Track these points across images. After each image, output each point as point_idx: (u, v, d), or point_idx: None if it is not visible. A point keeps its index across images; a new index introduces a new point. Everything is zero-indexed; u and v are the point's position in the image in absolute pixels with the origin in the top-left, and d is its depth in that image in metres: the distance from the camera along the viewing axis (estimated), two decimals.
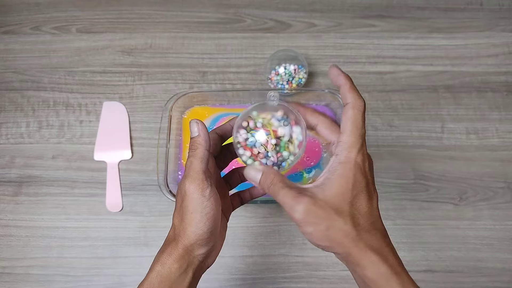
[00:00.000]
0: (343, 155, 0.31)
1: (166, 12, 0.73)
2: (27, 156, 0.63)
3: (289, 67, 0.64)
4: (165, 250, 0.33)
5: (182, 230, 0.33)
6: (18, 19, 0.72)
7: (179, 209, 0.33)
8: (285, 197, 0.31)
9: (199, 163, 0.33)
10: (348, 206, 0.31)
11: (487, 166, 0.63)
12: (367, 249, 0.30)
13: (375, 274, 0.30)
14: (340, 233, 0.30)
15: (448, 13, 0.73)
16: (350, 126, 0.31)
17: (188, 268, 0.33)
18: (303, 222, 0.30)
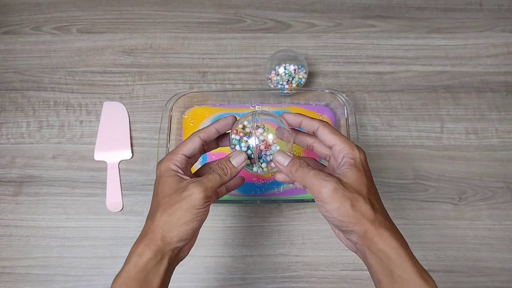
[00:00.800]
0: (350, 156, 0.37)
1: (166, 13, 0.73)
2: (27, 156, 0.63)
3: (289, 67, 0.64)
4: (142, 241, 0.35)
5: (165, 224, 0.35)
6: (18, 19, 0.72)
7: (172, 203, 0.36)
8: (314, 177, 0.36)
9: (217, 186, 0.38)
10: (366, 190, 0.36)
11: (486, 166, 0.63)
12: (381, 226, 0.35)
13: (387, 247, 0.34)
14: (362, 210, 0.35)
15: (448, 13, 0.73)
16: (337, 136, 0.39)
17: (163, 259, 0.35)
18: (330, 199, 0.35)
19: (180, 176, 0.39)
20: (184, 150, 0.40)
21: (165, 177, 0.38)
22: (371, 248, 0.35)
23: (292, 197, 0.59)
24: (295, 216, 0.60)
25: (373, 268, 0.35)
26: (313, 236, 0.59)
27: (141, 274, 0.34)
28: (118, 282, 0.34)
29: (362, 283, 0.57)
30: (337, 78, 0.68)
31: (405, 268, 0.33)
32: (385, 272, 0.34)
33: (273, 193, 0.60)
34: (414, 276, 0.33)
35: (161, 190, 0.38)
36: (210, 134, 0.42)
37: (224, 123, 0.42)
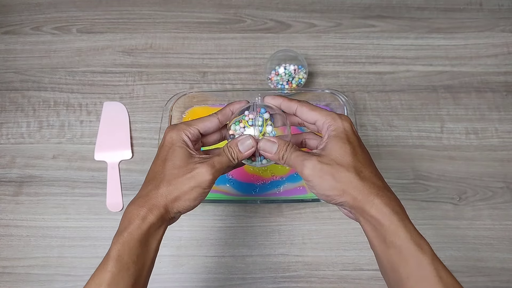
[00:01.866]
0: (332, 127, 0.37)
1: (167, 13, 0.73)
2: (27, 156, 0.63)
3: (289, 67, 0.64)
4: (145, 205, 0.35)
5: (169, 195, 0.36)
6: (18, 19, 0.72)
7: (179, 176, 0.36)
8: (296, 159, 0.37)
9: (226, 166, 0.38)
10: (350, 158, 0.36)
11: (486, 166, 0.63)
12: (370, 194, 0.34)
13: (379, 214, 0.34)
14: (345, 180, 0.35)
15: (448, 13, 0.73)
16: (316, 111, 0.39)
17: (163, 225, 0.37)
18: (312, 176, 0.35)
19: (191, 149, 0.38)
20: (200, 126, 0.40)
21: (177, 147, 0.38)
22: (364, 215, 0.35)
23: (292, 197, 0.59)
24: (295, 216, 0.60)
25: (368, 235, 0.35)
26: (313, 236, 0.59)
27: (143, 237, 0.34)
28: (120, 242, 0.34)
29: (362, 283, 0.57)
30: (337, 78, 0.68)
31: (398, 235, 0.33)
32: (379, 239, 0.34)
33: (273, 193, 0.60)
34: (407, 242, 0.32)
35: (170, 158, 0.38)
36: (227, 116, 0.42)
37: (239, 106, 0.42)
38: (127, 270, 0.33)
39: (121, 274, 0.33)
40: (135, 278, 0.34)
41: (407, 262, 0.32)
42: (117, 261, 0.33)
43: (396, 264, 0.33)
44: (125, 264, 0.33)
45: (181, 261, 0.58)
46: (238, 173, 0.61)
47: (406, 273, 0.32)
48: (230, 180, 0.60)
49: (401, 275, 0.32)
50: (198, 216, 0.60)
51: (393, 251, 0.33)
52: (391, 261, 0.33)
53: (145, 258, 0.35)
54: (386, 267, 0.34)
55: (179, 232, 0.59)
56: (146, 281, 0.36)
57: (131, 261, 0.34)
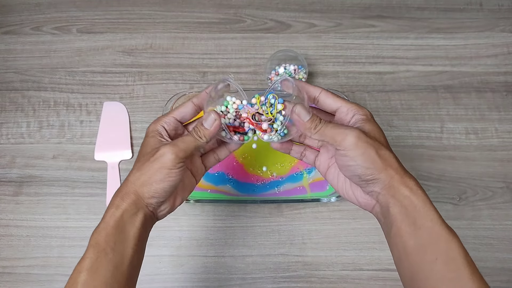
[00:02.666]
0: (361, 112, 0.38)
1: (167, 13, 0.73)
2: (27, 156, 0.63)
3: (289, 67, 0.64)
4: (118, 195, 0.37)
5: (137, 181, 0.37)
6: (18, 19, 0.72)
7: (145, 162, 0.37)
8: (335, 129, 0.36)
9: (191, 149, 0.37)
10: (384, 140, 0.37)
11: (486, 166, 0.63)
12: (406, 175, 0.35)
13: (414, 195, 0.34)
14: (386, 157, 0.35)
15: (448, 14, 0.73)
16: (340, 99, 0.39)
17: (138, 212, 0.36)
18: (355, 145, 0.35)
19: (163, 137, 0.39)
20: (175, 113, 0.40)
21: (149, 137, 0.39)
22: (396, 196, 0.34)
23: (292, 197, 0.59)
24: (295, 216, 0.60)
25: (395, 217, 0.35)
26: (313, 236, 0.59)
27: (118, 223, 0.35)
28: (97, 231, 0.35)
29: (361, 283, 0.57)
30: (337, 78, 0.69)
31: (430, 216, 0.33)
32: (408, 220, 0.34)
33: (273, 193, 0.60)
34: (439, 224, 0.33)
35: (141, 149, 0.39)
36: (202, 99, 0.41)
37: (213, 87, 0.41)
38: (105, 256, 0.34)
39: (99, 260, 0.34)
40: (115, 264, 0.34)
41: (437, 243, 0.33)
42: (94, 248, 0.34)
43: (425, 245, 0.33)
44: (102, 250, 0.34)
45: (181, 261, 0.58)
46: (238, 173, 0.61)
47: (435, 254, 0.32)
48: (230, 180, 0.60)
49: (429, 257, 0.33)
50: (198, 216, 0.60)
51: (423, 232, 0.33)
52: (418, 243, 0.33)
53: (124, 244, 0.35)
54: (411, 250, 0.34)
55: (179, 232, 0.59)
56: (130, 271, 0.36)
57: (108, 247, 0.34)
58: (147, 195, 0.37)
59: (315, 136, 0.37)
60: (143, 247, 0.38)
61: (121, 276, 0.34)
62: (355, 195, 0.40)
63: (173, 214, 0.60)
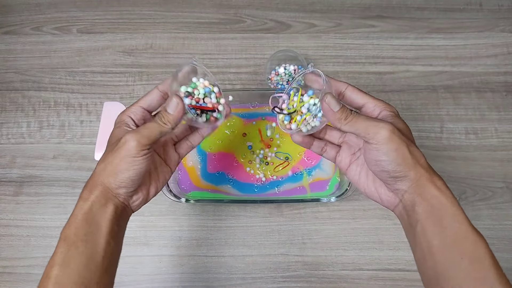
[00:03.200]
0: (388, 109, 0.38)
1: (167, 13, 0.73)
2: (28, 156, 0.63)
3: (289, 68, 0.64)
4: (86, 188, 0.36)
5: (103, 172, 0.36)
6: (19, 19, 0.73)
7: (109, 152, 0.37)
8: (368, 121, 0.35)
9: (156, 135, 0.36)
10: (413, 139, 0.36)
11: (486, 166, 0.63)
12: (434, 175, 0.35)
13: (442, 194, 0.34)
14: (416, 155, 0.35)
15: (448, 14, 0.73)
16: (367, 95, 0.39)
17: (107, 203, 0.36)
18: (388, 140, 0.34)
19: (129, 127, 0.39)
20: (141, 102, 0.40)
21: (116, 128, 0.39)
22: (424, 195, 0.34)
23: (292, 197, 0.59)
24: (295, 216, 0.60)
25: (420, 217, 0.34)
26: (313, 236, 0.59)
27: (88, 215, 0.35)
28: (66, 225, 0.35)
29: (361, 283, 0.57)
30: (337, 78, 0.68)
31: (458, 216, 0.33)
32: (434, 220, 0.34)
33: (273, 193, 0.60)
34: (466, 225, 0.33)
35: (108, 141, 0.39)
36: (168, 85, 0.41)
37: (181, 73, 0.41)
38: (76, 249, 0.33)
39: (70, 253, 0.33)
40: (88, 256, 0.34)
41: (464, 243, 0.33)
42: (64, 242, 0.34)
43: (451, 245, 0.33)
44: (73, 243, 0.34)
45: (181, 261, 0.58)
46: (238, 173, 0.61)
47: (461, 253, 0.32)
48: (230, 180, 0.60)
49: (455, 256, 0.33)
50: (198, 216, 0.60)
51: (450, 232, 0.33)
52: (444, 242, 0.33)
53: (95, 236, 0.35)
54: (436, 249, 0.33)
55: (179, 232, 0.59)
56: (105, 262, 0.35)
57: (78, 239, 0.34)
58: (114, 186, 0.36)
59: (345, 127, 0.37)
60: (118, 239, 0.37)
61: (95, 268, 0.34)
62: (378, 192, 0.39)
63: (173, 214, 0.60)
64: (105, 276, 0.35)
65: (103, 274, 0.35)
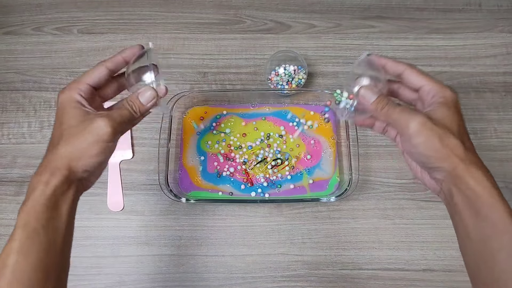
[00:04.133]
0: (440, 94, 0.36)
1: (167, 13, 0.73)
2: (28, 156, 0.64)
3: (288, 68, 0.64)
4: (46, 171, 0.34)
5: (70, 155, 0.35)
6: (20, 20, 0.73)
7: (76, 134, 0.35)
8: (401, 112, 0.36)
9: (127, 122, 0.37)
10: (456, 127, 0.35)
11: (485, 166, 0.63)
12: (472, 165, 0.34)
13: (479, 186, 0.33)
14: (451, 146, 0.34)
15: (447, 14, 0.73)
16: (425, 77, 0.38)
17: (70, 187, 0.35)
18: (418, 132, 0.34)
19: (86, 107, 0.37)
20: (88, 80, 0.38)
21: (70, 108, 0.37)
22: (460, 186, 0.34)
23: (292, 197, 0.59)
24: (295, 216, 0.60)
25: (458, 207, 0.34)
26: (312, 235, 0.59)
27: (49, 201, 0.33)
28: (25, 211, 0.33)
29: (361, 282, 0.57)
30: (337, 78, 0.69)
31: (496, 209, 0.32)
32: (471, 211, 0.33)
33: (273, 193, 0.60)
34: (504, 217, 0.32)
35: (65, 121, 0.36)
36: (117, 63, 0.40)
37: (131, 51, 0.40)
38: (37, 236, 0.32)
39: (30, 240, 0.32)
40: (48, 244, 0.33)
41: (501, 235, 0.32)
42: (23, 229, 0.32)
43: (489, 237, 0.32)
44: (33, 230, 0.32)
45: (182, 261, 0.58)
46: (238, 173, 0.61)
47: (499, 245, 0.32)
48: (230, 180, 0.60)
49: (492, 248, 0.32)
50: (198, 215, 0.60)
51: (487, 224, 0.32)
52: (482, 234, 0.33)
53: (56, 222, 0.34)
54: (474, 240, 0.33)
55: (179, 231, 0.60)
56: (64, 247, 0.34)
57: (39, 226, 0.32)
58: (80, 170, 0.35)
59: (381, 117, 0.37)
60: (73, 222, 0.36)
61: (54, 254, 0.33)
62: (423, 178, 0.39)
63: (173, 213, 0.60)
64: (64, 259, 0.35)
65: (62, 257, 0.34)
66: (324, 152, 0.62)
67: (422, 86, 0.38)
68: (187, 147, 0.62)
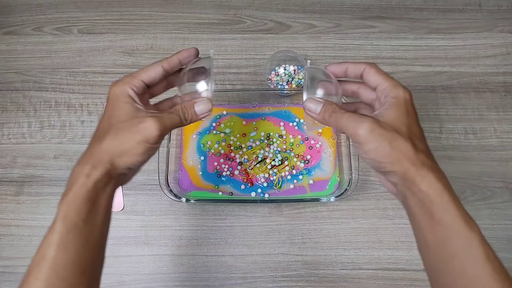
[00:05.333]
0: (392, 94, 0.36)
1: (167, 13, 0.73)
2: (28, 156, 0.64)
3: (288, 68, 0.64)
4: (88, 163, 0.34)
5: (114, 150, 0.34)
6: (20, 20, 0.73)
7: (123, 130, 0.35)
8: (349, 119, 0.35)
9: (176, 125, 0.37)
10: (405, 129, 0.34)
11: (485, 166, 0.63)
12: (423, 167, 0.33)
13: (430, 188, 0.32)
14: (401, 149, 0.33)
15: (447, 14, 0.73)
16: (382, 75, 0.37)
17: (110, 182, 0.35)
18: (368, 139, 0.34)
19: (137, 104, 0.37)
20: (144, 77, 0.38)
21: (122, 102, 0.36)
22: (412, 189, 0.33)
23: (292, 197, 0.59)
24: (295, 216, 0.60)
25: (412, 210, 0.34)
26: (312, 235, 0.59)
27: (90, 194, 0.33)
28: (66, 202, 0.33)
29: (361, 282, 0.57)
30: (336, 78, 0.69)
31: (448, 211, 0.32)
32: (425, 215, 0.33)
33: (273, 192, 0.60)
34: (457, 219, 0.31)
35: (116, 114, 0.36)
36: (173, 64, 0.40)
37: (187, 54, 0.40)
38: (76, 229, 0.32)
39: (70, 233, 0.32)
40: (86, 236, 0.32)
41: (456, 239, 0.31)
42: (64, 221, 0.32)
43: (443, 241, 0.32)
44: (73, 223, 0.32)
45: (182, 261, 0.58)
46: (239, 173, 0.61)
47: (454, 250, 0.31)
48: (230, 180, 0.61)
49: (448, 252, 0.32)
50: (198, 215, 0.60)
51: (441, 227, 0.32)
52: (437, 238, 0.32)
53: (95, 216, 0.33)
54: (431, 244, 0.33)
55: (179, 231, 0.60)
56: (100, 241, 0.34)
57: (79, 219, 0.32)
58: (123, 166, 0.35)
59: (330, 125, 0.37)
60: (110, 217, 0.36)
61: (92, 247, 0.33)
62: (381, 180, 0.39)
63: (173, 213, 0.60)
64: (99, 254, 0.35)
65: (98, 252, 0.34)
66: (324, 152, 0.62)
67: (378, 85, 0.37)
68: (187, 147, 0.62)
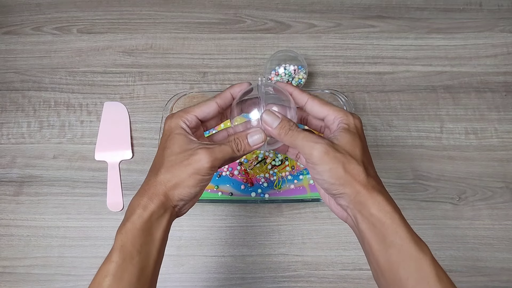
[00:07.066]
0: (344, 121, 0.37)
1: (167, 13, 0.73)
2: (28, 156, 0.63)
3: (289, 68, 0.64)
4: (145, 195, 0.35)
5: (168, 182, 0.35)
6: (19, 19, 0.73)
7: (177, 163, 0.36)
8: (305, 140, 0.35)
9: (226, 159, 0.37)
10: (359, 153, 0.35)
11: (486, 166, 0.63)
12: (374, 190, 0.34)
13: (381, 211, 0.33)
14: (354, 172, 0.34)
15: (447, 14, 0.73)
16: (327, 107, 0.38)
17: (165, 213, 0.36)
18: (322, 160, 0.34)
19: (190, 136, 0.38)
20: (197, 112, 0.39)
21: (175, 134, 0.37)
22: (363, 212, 0.33)
23: (292, 197, 0.59)
24: (295, 216, 0.60)
25: (364, 234, 0.34)
26: (313, 235, 0.59)
27: (145, 225, 0.34)
28: (123, 232, 0.34)
29: (361, 283, 0.57)
30: (337, 78, 0.69)
31: (399, 234, 0.32)
32: (377, 238, 0.33)
33: (273, 193, 0.60)
34: (408, 242, 0.32)
35: (169, 146, 0.37)
36: (226, 99, 0.40)
37: (239, 89, 0.41)
38: (131, 260, 0.33)
39: (125, 263, 0.32)
40: (141, 268, 0.33)
41: (407, 262, 0.32)
42: (120, 251, 0.33)
43: (396, 264, 0.32)
44: (129, 253, 0.33)
45: (181, 261, 0.58)
46: (239, 173, 0.61)
47: (406, 273, 0.32)
48: (230, 180, 0.60)
49: (401, 276, 0.32)
50: (198, 216, 0.60)
51: (393, 250, 0.32)
52: (390, 261, 0.32)
53: (149, 247, 0.34)
54: (384, 268, 0.33)
55: (179, 231, 0.59)
56: (154, 273, 0.35)
57: (135, 250, 0.33)
58: (176, 198, 0.36)
59: (286, 142, 0.37)
60: (164, 248, 0.37)
61: (145, 279, 0.34)
62: (330, 204, 0.39)
63: None
64: (153, 285, 0.35)
65: (151, 283, 0.35)
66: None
67: (327, 116, 0.38)
68: None
